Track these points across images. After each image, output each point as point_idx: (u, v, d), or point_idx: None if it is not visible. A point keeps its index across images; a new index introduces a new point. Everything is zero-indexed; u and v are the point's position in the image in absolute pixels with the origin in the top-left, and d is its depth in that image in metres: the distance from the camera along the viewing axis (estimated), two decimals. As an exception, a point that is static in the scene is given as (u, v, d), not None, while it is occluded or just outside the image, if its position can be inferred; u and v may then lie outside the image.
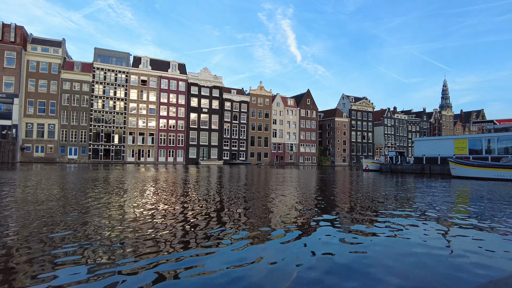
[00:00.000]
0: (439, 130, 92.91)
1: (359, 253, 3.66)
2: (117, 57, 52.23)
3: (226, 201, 7.83)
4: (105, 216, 5.46)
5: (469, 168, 21.97)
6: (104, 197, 7.96)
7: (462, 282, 2.86)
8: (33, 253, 3.35)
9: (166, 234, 4.35)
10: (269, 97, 66.52)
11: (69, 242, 3.80)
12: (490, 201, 8.88)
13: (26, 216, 5.29)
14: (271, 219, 5.59)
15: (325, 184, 14.70)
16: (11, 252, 3.38)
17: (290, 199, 8.59)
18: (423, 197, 9.60)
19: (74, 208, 6.24)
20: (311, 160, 71.97)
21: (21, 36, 44.30)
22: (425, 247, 3.96)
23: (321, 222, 5.45)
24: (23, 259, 3.16)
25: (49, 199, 7.33)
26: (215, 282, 2.73)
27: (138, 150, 52.78)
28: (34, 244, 3.67)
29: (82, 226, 4.64)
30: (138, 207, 6.61)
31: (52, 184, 11.12)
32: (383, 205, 7.69)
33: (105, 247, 3.64)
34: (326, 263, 3.30)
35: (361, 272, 3.04)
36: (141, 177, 16.23)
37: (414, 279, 2.92)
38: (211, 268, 3.06)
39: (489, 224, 5.50)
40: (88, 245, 3.69)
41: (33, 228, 4.44)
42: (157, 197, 8.42)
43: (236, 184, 13.43)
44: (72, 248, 3.58)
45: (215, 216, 5.75)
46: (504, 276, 3.05)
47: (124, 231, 4.41)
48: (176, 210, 6.37)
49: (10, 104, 43.31)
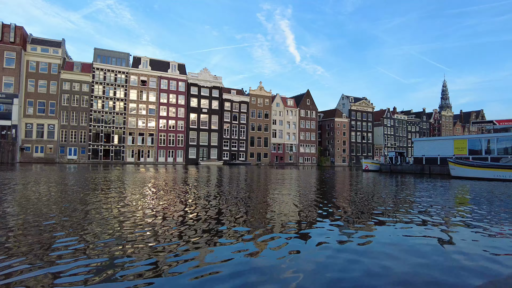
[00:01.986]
0: (439, 131, 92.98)
1: (358, 254, 3.66)
2: (117, 57, 52.23)
3: (226, 202, 7.82)
4: (104, 218, 5.45)
5: (468, 168, 21.99)
6: (104, 198, 7.95)
7: (462, 282, 2.86)
8: (33, 253, 3.34)
9: (166, 234, 4.35)
10: (268, 98, 66.54)
11: (66, 248, 3.79)
12: (489, 202, 8.88)
13: (25, 218, 5.28)
14: (270, 220, 5.59)
15: (325, 184, 14.71)
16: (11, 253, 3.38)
17: (290, 200, 8.59)
18: (423, 198, 9.60)
19: (74, 209, 6.23)
20: (310, 160, 71.98)
21: (21, 36, 44.27)
22: (425, 248, 3.96)
23: (321, 223, 5.45)
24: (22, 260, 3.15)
25: (49, 201, 7.32)
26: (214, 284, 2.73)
27: (138, 150, 52.76)
28: (33, 245, 3.67)
29: (82, 228, 4.64)
30: (138, 207, 6.61)
31: (51, 186, 11.11)
32: (383, 206, 7.69)
33: (106, 246, 3.64)
34: (326, 264, 3.30)
35: (361, 273, 3.04)
36: (141, 178, 16.22)
37: (414, 279, 2.92)
38: (208, 270, 3.06)
39: (489, 225, 5.51)
40: (87, 247, 3.69)
41: (33, 231, 4.43)
42: (157, 197, 8.42)
43: (236, 184, 13.42)
44: (71, 249, 3.58)
45: (214, 217, 5.74)
46: (504, 276, 3.05)
47: (123, 232, 4.41)
48: (176, 210, 6.36)
49: (10, 104, 43.27)
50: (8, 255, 3.30)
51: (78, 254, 3.37)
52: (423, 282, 2.85)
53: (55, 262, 3.12)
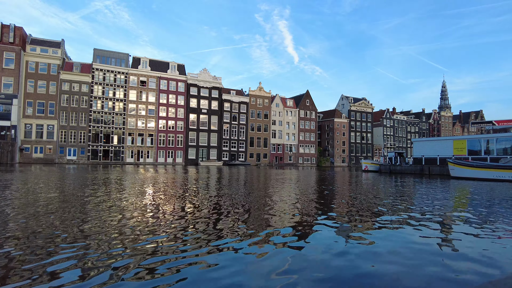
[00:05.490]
0: (438, 131, 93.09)
1: (358, 254, 3.66)
2: (116, 58, 52.20)
3: (225, 202, 7.81)
4: (104, 218, 5.44)
5: (468, 169, 22.01)
6: (104, 199, 7.94)
7: (462, 282, 2.87)
8: (32, 257, 3.33)
9: (165, 234, 4.34)
10: (268, 98, 66.55)
11: (67, 248, 3.79)
12: (489, 202, 8.89)
13: (26, 219, 5.27)
14: (270, 221, 5.58)
15: (324, 185, 14.71)
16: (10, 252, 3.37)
17: (290, 200, 8.58)
18: (422, 198, 9.60)
19: (74, 211, 6.22)
20: (310, 161, 71.99)
21: (20, 36, 44.23)
22: (425, 248, 3.96)
23: (321, 225, 5.44)
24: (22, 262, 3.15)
25: (49, 203, 7.31)
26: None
27: (137, 151, 52.71)
28: (33, 247, 3.66)
29: (82, 231, 4.63)
30: (138, 208, 6.60)
31: (51, 188, 11.09)
32: (382, 206, 7.69)
33: (106, 245, 3.63)
34: (326, 266, 3.30)
35: (360, 273, 3.04)
36: (141, 178, 16.20)
37: (414, 279, 2.92)
38: (208, 270, 3.06)
39: (488, 225, 5.51)
40: (88, 250, 3.68)
41: (33, 233, 4.42)
42: (157, 198, 8.41)
43: (235, 185, 13.42)
44: (71, 250, 3.57)
45: (214, 217, 5.74)
46: (503, 276, 3.05)
47: (122, 234, 4.40)
48: (175, 211, 6.35)
49: (9, 105, 43.21)
50: (7, 257, 3.29)
51: (77, 257, 3.37)
52: (423, 282, 2.85)
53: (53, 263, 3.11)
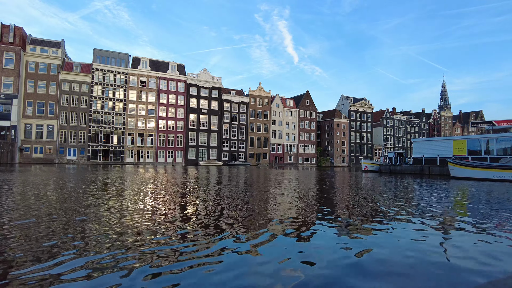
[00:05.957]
0: (438, 131, 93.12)
1: (357, 254, 3.67)
2: (116, 58, 52.20)
3: (225, 203, 7.82)
4: (104, 220, 5.45)
5: (468, 169, 22.01)
6: (104, 200, 7.95)
7: (461, 283, 2.87)
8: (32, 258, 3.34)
9: (165, 235, 4.35)
10: (268, 98, 66.56)
11: (68, 249, 3.79)
12: (489, 202, 8.90)
13: (26, 220, 5.27)
14: (272, 222, 5.59)
15: (324, 185, 14.71)
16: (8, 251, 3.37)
17: (290, 201, 8.59)
18: (422, 199, 9.61)
19: (74, 211, 6.22)
20: (310, 161, 72.00)
21: (20, 37, 44.23)
22: (424, 248, 3.97)
23: (323, 226, 5.45)
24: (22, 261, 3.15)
25: (49, 204, 7.31)
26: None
27: (137, 151, 52.72)
28: (33, 248, 3.66)
29: (82, 232, 4.63)
30: (138, 209, 6.60)
31: (50, 189, 11.09)
32: (382, 207, 7.70)
33: (106, 243, 3.64)
34: (325, 267, 3.30)
35: (360, 273, 3.04)
36: (141, 179, 16.20)
37: (414, 279, 2.93)
38: (207, 270, 3.06)
39: (488, 225, 5.52)
40: (88, 251, 3.68)
41: (33, 234, 4.43)
42: (157, 198, 8.41)
43: (235, 185, 13.42)
44: (71, 252, 3.57)
45: (213, 218, 5.75)
46: (503, 276, 3.05)
47: (123, 235, 4.41)
48: (176, 211, 6.36)
49: (9, 105, 43.22)
50: (6, 257, 3.29)
51: (79, 254, 3.37)
52: (423, 282, 2.85)
53: (56, 263, 3.12)
